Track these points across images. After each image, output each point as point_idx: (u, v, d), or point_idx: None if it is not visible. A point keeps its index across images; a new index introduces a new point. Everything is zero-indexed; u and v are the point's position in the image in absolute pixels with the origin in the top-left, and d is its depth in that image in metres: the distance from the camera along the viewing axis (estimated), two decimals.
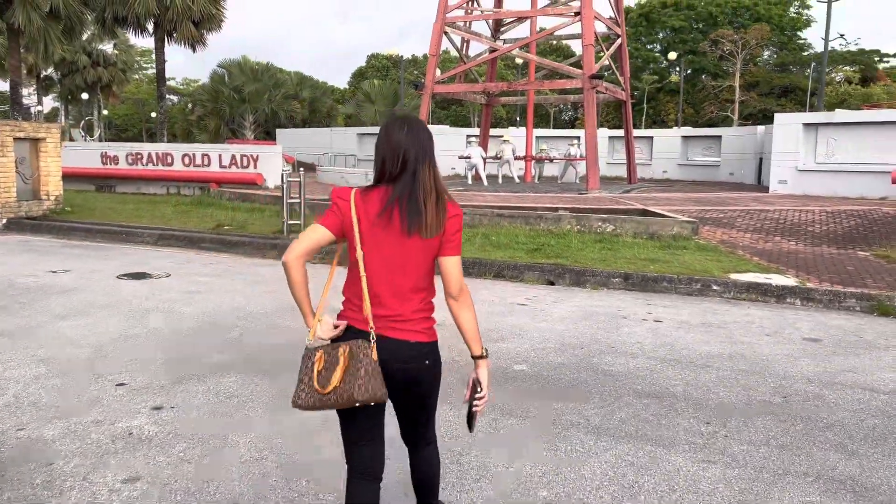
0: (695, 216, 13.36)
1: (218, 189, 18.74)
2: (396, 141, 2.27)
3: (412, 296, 2.30)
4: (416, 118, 2.38)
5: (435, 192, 2.26)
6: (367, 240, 2.25)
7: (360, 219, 2.24)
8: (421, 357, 2.32)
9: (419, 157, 2.27)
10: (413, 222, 2.21)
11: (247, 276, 8.57)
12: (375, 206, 2.24)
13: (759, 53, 55.70)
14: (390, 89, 45.02)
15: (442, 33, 21.98)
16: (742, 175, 28.42)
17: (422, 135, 2.31)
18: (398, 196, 2.23)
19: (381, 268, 2.27)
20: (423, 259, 2.29)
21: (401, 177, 2.25)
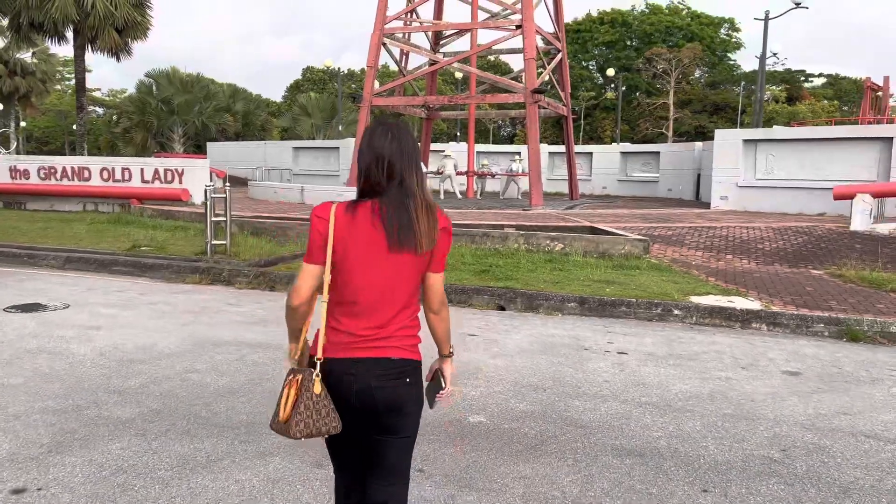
0: (644, 234, 12.95)
1: (139, 206, 17.43)
2: (380, 149, 2.13)
3: (400, 313, 2.19)
4: (401, 124, 2.21)
5: (425, 203, 2.14)
6: (351, 258, 2.13)
7: (344, 237, 2.11)
8: (402, 375, 2.18)
9: (406, 166, 2.13)
10: (406, 238, 2.09)
11: (160, 307, 7.56)
12: (363, 222, 2.11)
13: (691, 72, 57.12)
14: (328, 102, 43.99)
15: (380, 45, 21.26)
16: (681, 191, 28.60)
17: (407, 142, 2.17)
18: (387, 210, 2.10)
19: (367, 287, 2.14)
20: (413, 275, 2.18)
21: (387, 188, 2.12)
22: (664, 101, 55.73)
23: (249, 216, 14.92)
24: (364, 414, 2.19)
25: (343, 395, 2.17)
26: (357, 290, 2.15)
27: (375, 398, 2.16)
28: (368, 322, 2.17)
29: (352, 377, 2.16)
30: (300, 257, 11.22)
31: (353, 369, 2.15)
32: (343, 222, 2.12)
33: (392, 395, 2.17)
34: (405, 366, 2.19)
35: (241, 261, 10.28)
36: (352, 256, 2.12)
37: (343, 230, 2.11)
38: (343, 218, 2.12)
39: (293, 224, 13.40)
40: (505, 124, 69.45)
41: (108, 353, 5.55)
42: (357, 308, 2.16)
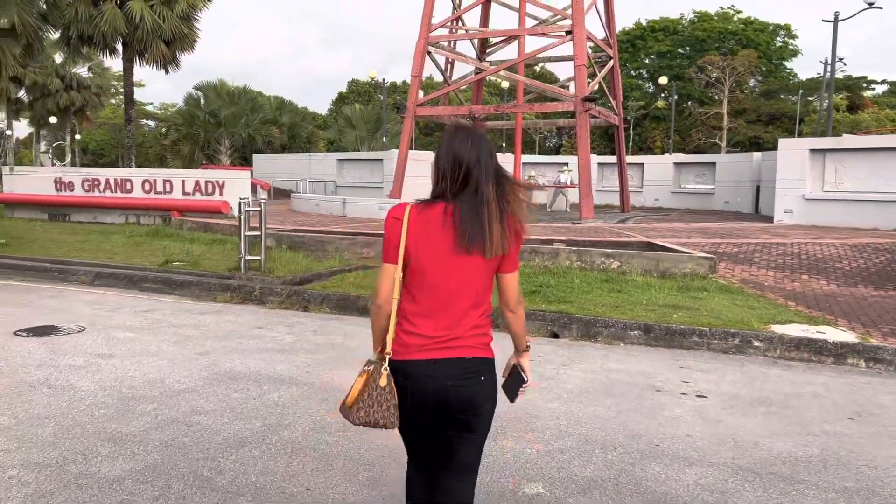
0: (707, 250, 11.96)
1: (179, 218, 17.13)
2: (459, 154, 2.20)
3: (471, 312, 2.24)
4: (480, 130, 2.28)
5: (499, 209, 2.18)
6: (425, 259, 2.19)
7: (418, 238, 2.19)
8: (477, 374, 2.23)
9: (483, 171, 2.19)
10: (476, 242, 2.15)
11: (183, 330, 6.96)
12: (435, 224, 2.18)
13: (746, 80, 55.18)
14: (372, 114, 43.75)
15: (425, 53, 20.68)
16: (738, 203, 27.23)
17: (485, 147, 2.23)
18: (460, 212, 2.16)
19: (440, 286, 2.20)
20: (485, 276, 2.24)
21: (463, 192, 2.18)
22: (717, 110, 53.99)
23: (288, 230, 14.41)
24: (440, 412, 2.24)
25: (421, 395, 2.21)
26: (428, 289, 2.20)
27: (451, 397, 2.21)
28: (440, 322, 2.21)
29: (429, 378, 2.20)
30: (337, 274, 10.60)
31: (430, 370, 2.20)
32: (416, 223, 2.18)
33: (468, 394, 2.22)
34: (480, 364, 2.24)
35: (276, 278, 9.69)
36: (423, 256, 2.17)
37: (416, 231, 2.17)
38: (416, 219, 2.18)
39: (332, 238, 12.80)
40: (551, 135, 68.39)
41: (113, 389, 4.93)
42: (428, 307, 2.21)
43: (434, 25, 20.84)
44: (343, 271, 10.49)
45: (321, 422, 4.36)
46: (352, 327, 7.40)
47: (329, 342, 6.64)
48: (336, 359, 5.95)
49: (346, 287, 8.92)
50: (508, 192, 2.22)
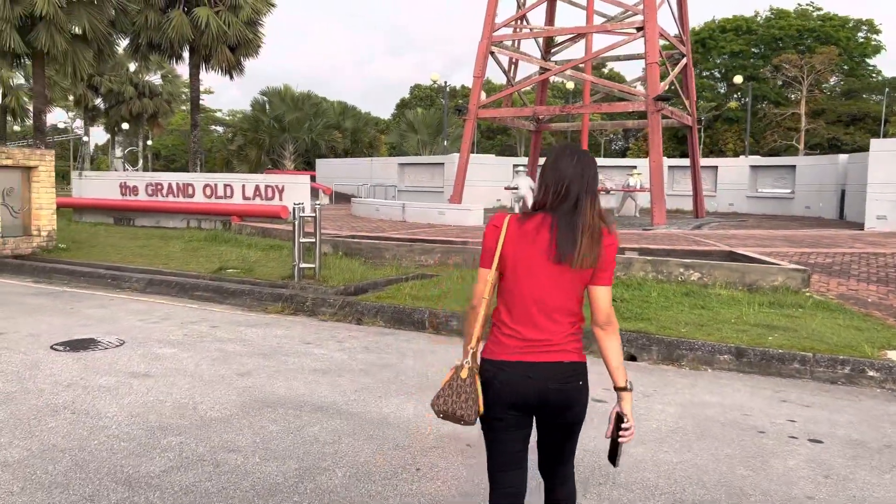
0: (796, 261, 10.89)
1: (239, 223, 16.98)
2: (563, 170, 2.32)
3: (563, 320, 2.32)
4: (585, 151, 2.39)
5: (591, 226, 2.28)
6: (520, 267, 2.30)
7: (514, 246, 2.30)
8: (575, 377, 2.34)
9: (583, 189, 2.30)
10: (566, 253, 2.25)
11: (227, 345, 6.50)
12: (531, 234, 2.29)
13: (826, 78, 52.35)
14: (434, 117, 43.38)
15: (488, 53, 20.06)
16: (821, 209, 25.55)
17: (589, 167, 2.34)
18: (556, 225, 2.28)
19: (533, 294, 2.30)
20: (575, 287, 2.32)
21: (561, 206, 2.29)
22: (794, 110, 51.44)
23: (345, 235, 13.98)
24: (542, 414, 2.37)
25: (520, 396, 2.32)
26: (524, 296, 2.31)
27: (551, 399, 2.32)
28: (537, 326, 2.31)
29: (530, 380, 2.30)
30: (393, 283, 10.04)
31: (531, 372, 2.30)
32: (514, 232, 2.31)
33: (566, 397, 2.33)
34: (577, 368, 2.35)
35: (329, 287, 9.20)
36: (518, 264, 2.30)
37: (513, 240, 2.30)
38: (514, 228, 2.31)
39: (389, 245, 12.28)
40: (617, 137, 66.70)
41: (139, 416, 4.44)
42: (524, 313, 2.31)
43: (497, 25, 20.21)
44: (400, 280, 9.94)
45: (365, 466, 3.75)
46: (407, 344, 6.81)
47: (381, 362, 6.06)
48: (387, 383, 5.35)
49: (402, 298, 8.35)
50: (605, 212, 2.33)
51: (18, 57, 21.90)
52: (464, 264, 11.40)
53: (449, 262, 11.57)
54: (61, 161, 79.29)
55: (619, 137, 66.28)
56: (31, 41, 20.69)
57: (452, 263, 11.52)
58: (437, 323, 7.57)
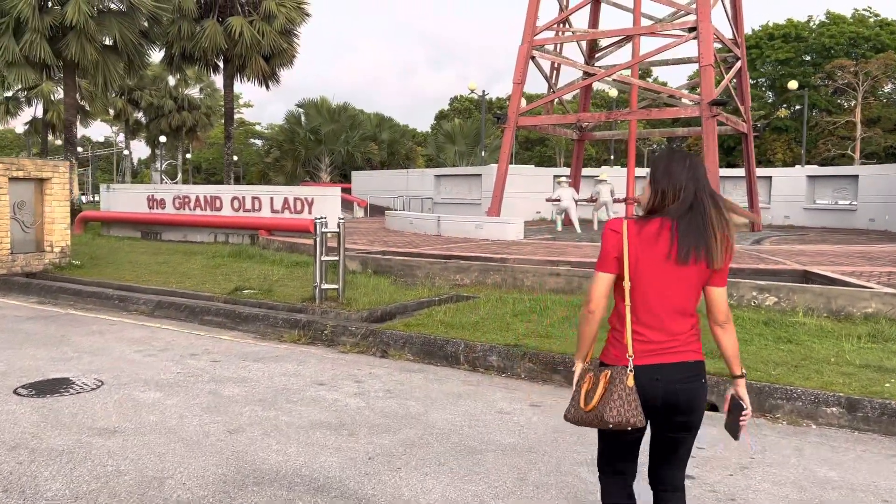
0: (885, 282, 9.52)
1: (267, 237, 16.15)
2: (676, 174, 2.37)
3: (687, 320, 2.39)
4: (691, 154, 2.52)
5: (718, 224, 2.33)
6: (642, 271, 2.36)
7: (636, 250, 2.36)
8: (699, 375, 2.42)
9: (699, 190, 2.35)
10: (694, 254, 2.30)
11: (225, 388, 5.50)
12: (652, 238, 2.34)
13: (883, 84, 49.96)
14: (472, 128, 42.43)
15: (528, 58, 18.99)
16: (887, 222, 23.73)
17: (700, 170, 2.40)
18: (677, 229, 2.31)
19: (656, 297, 2.36)
20: (695, 289, 2.39)
21: (679, 210, 2.33)
22: (848, 118, 49.11)
23: (376, 251, 12.99)
24: (666, 414, 2.41)
25: (648, 399, 2.36)
26: (645, 299, 2.36)
27: (681, 399, 2.38)
28: (662, 329, 2.37)
29: (657, 381, 2.36)
30: (425, 308, 8.90)
31: (659, 374, 2.36)
32: (634, 237, 2.37)
33: (692, 395, 2.40)
34: (700, 367, 2.43)
35: (353, 311, 8.19)
36: (641, 268, 2.35)
37: (634, 244, 2.36)
38: (634, 233, 2.37)
39: (422, 262, 11.24)
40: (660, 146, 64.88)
41: (87, 497, 3.43)
42: (646, 315, 2.37)
43: (539, 28, 19.14)
44: (432, 303, 8.88)
45: None
46: (437, 385, 5.73)
47: (405, 412, 4.99)
48: (409, 446, 4.27)
49: (433, 326, 7.27)
50: (725, 210, 2.37)
51: (48, 67, 21.59)
52: (503, 284, 10.30)
53: (487, 282, 10.47)
54: (105, 175, 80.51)
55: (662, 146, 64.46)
56: (61, 51, 20.34)
57: (491, 283, 10.42)
58: (474, 358, 6.47)
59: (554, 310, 8.01)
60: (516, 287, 10.15)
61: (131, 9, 21.72)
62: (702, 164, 2.42)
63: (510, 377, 6.15)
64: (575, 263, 11.22)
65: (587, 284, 9.91)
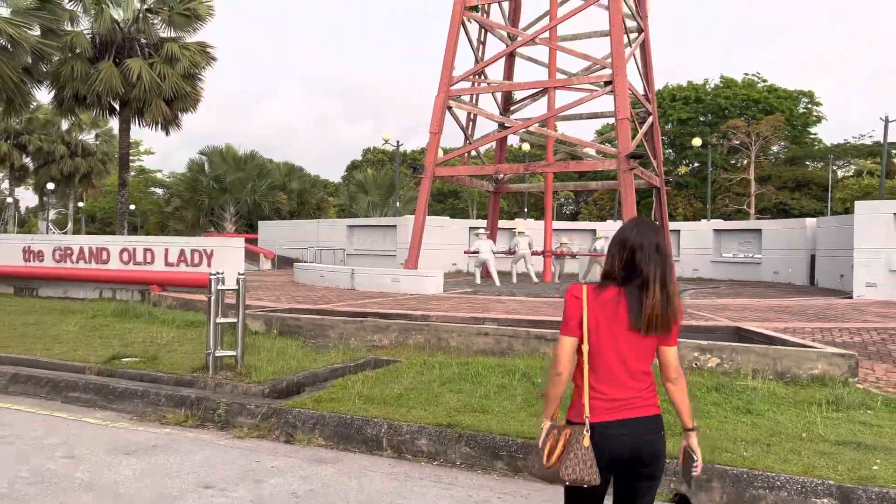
0: (821, 340, 9.20)
1: (159, 293, 14.57)
2: (628, 241, 2.53)
3: (646, 378, 2.55)
4: (650, 221, 2.60)
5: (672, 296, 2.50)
6: (602, 334, 2.50)
7: (595, 315, 2.50)
8: (658, 428, 2.55)
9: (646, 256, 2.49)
10: (639, 319, 2.46)
11: (66, 500, 4.22)
12: (610, 305, 2.50)
13: (773, 143, 53.26)
14: (386, 178, 41.77)
15: (445, 108, 18.50)
16: (790, 274, 24.47)
17: (652, 236, 2.53)
18: (629, 298, 2.48)
19: (616, 358, 2.51)
20: (650, 350, 2.55)
21: (630, 275, 2.50)
22: (744, 176, 51.82)
23: (283, 309, 11.76)
24: (632, 466, 2.52)
25: (615, 452, 2.48)
26: (605, 360, 2.51)
27: (643, 451, 2.50)
28: (623, 386, 2.51)
29: (623, 436, 2.48)
30: (339, 376, 7.63)
31: (625, 429, 2.48)
32: (593, 302, 2.51)
33: (656, 447, 2.53)
34: (659, 420, 2.56)
35: (254, 382, 6.99)
36: (601, 333, 2.50)
37: (593, 310, 2.50)
38: (593, 298, 2.52)
39: (335, 321, 10.12)
40: (568, 201, 66.30)
41: None
42: (607, 375, 2.51)
43: (455, 79, 18.74)
44: (347, 371, 7.80)
45: None
46: (356, 482, 4.65)
47: None
48: None
49: (349, 401, 6.19)
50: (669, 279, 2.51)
51: None
52: (426, 345, 9.33)
53: (408, 343, 9.48)
54: None
55: (570, 202, 65.93)
56: None
57: (413, 344, 9.43)
58: (399, 442, 5.43)
59: (487, 377, 7.10)
60: (441, 348, 9.20)
61: (13, 44, 19.89)
62: (656, 233, 2.53)
63: (444, 465, 5.15)
64: (502, 321, 10.41)
65: (516, 344, 9.02)
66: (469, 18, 19.18)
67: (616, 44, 16.94)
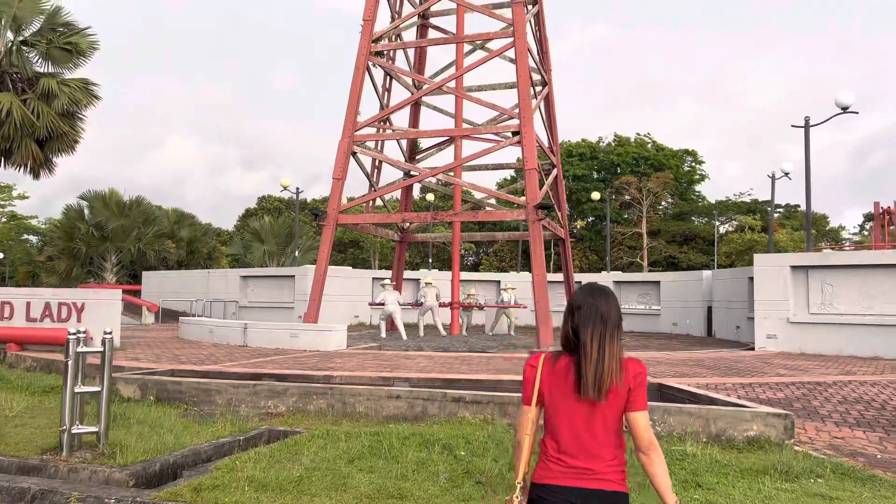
0: (745, 397, 8.86)
1: (17, 352, 12.68)
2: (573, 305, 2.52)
3: (601, 452, 2.42)
4: (603, 288, 2.55)
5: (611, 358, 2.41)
6: (557, 402, 2.47)
7: (549, 384, 2.50)
8: None
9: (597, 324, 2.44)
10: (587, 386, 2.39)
11: None
12: (561, 372, 2.48)
13: (662, 199, 55.89)
14: (283, 227, 40.17)
15: (349, 154, 17.70)
16: (688, 326, 24.97)
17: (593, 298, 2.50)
18: (576, 362, 2.44)
19: (569, 427, 2.45)
20: (610, 418, 2.42)
21: (579, 343, 2.45)
22: (636, 230, 53.82)
23: (162, 371, 10.31)
24: None
25: None
26: (562, 427, 2.45)
27: None
28: (580, 455, 2.43)
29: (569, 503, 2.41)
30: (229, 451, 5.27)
31: (573, 497, 2.40)
32: (547, 371, 2.52)
33: None
34: (619, 498, 2.42)
35: (117, 466, 5.73)
36: (554, 400, 2.47)
37: (547, 378, 2.51)
38: (548, 367, 2.52)
39: (223, 385, 8.87)
40: (469, 252, 66.54)
41: None
42: (566, 443, 2.44)
43: (360, 124, 18.04)
44: (236, 446, 6.64)
45: None
46: None
47: None
48: None
49: (237, 490, 5.08)
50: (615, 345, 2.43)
51: None
52: (330, 411, 8.27)
53: (309, 409, 8.38)
54: None
55: (471, 252, 66.20)
56: None
57: (314, 410, 8.35)
58: None
59: (403, 451, 6.14)
60: (346, 414, 8.17)
61: None
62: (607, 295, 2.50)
63: None
64: (414, 381, 9.50)
65: (431, 408, 8.13)
66: (374, 64, 18.65)
67: (523, 95, 16.82)
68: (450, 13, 20.89)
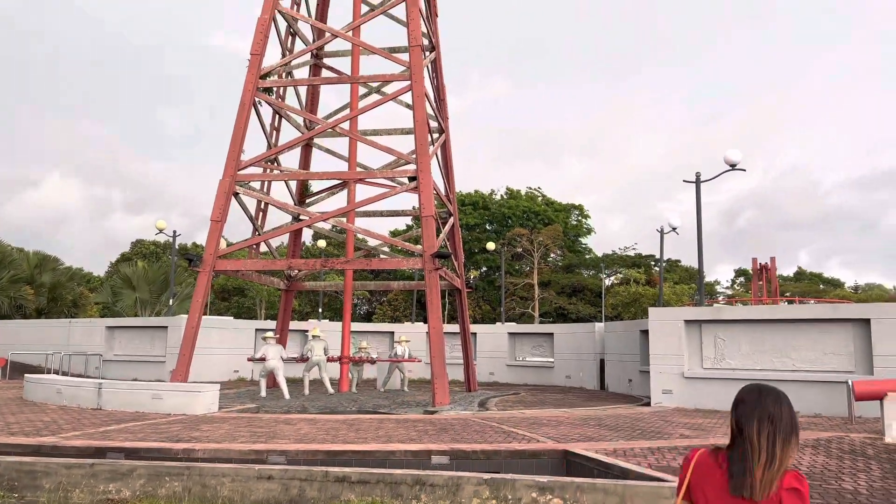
0: (655, 465, 8.20)
1: None
2: (742, 408, 2.37)
3: None
4: (773, 389, 2.42)
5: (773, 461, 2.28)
6: (706, 498, 2.37)
7: (699, 479, 2.40)
8: None
9: (762, 424, 2.31)
10: (738, 484, 2.29)
11: None
12: (714, 468, 2.37)
13: (552, 251, 57.03)
14: (158, 273, 37.35)
15: (230, 194, 16.30)
16: (581, 378, 24.74)
17: (769, 403, 2.35)
18: (734, 459, 2.33)
19: None
20: None
21: (739, 441, 2.34)
22: (528, 280, 54.40)
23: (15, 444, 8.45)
24: None
25: None
26: None
27: None
28: None
29: None
30: None
31: None
32: (700, 466, 2.42)
33: None
34: None
35: None
36: (707, 496, 2.37)
37: (698, 473, 2.42)
38: (701, 462, 2.43)
39: (54, 465, 7.24)
40: (361, 302, 64.95)
41: None
42: None
43: (243, 163, 16.71)
44: None
45: None
46: None
47: None
48: None
49: None
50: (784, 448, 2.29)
51: None
52: (186, 496, 6.85)
53: (160, 494, 6.92)
54: None
55: (364, 301, 64.65)
56: None
57: (166, 496, 6.89)
58: None
59: None
60: (207, 500, 6.79)
61: None
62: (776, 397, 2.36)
63: None
64: (291, 454, 8.20)
65: (310, 490, 6.88)
66: (261, 101, 17.49)
67: (420, 139, 16.16)
68: (345, 54, 20.14)
